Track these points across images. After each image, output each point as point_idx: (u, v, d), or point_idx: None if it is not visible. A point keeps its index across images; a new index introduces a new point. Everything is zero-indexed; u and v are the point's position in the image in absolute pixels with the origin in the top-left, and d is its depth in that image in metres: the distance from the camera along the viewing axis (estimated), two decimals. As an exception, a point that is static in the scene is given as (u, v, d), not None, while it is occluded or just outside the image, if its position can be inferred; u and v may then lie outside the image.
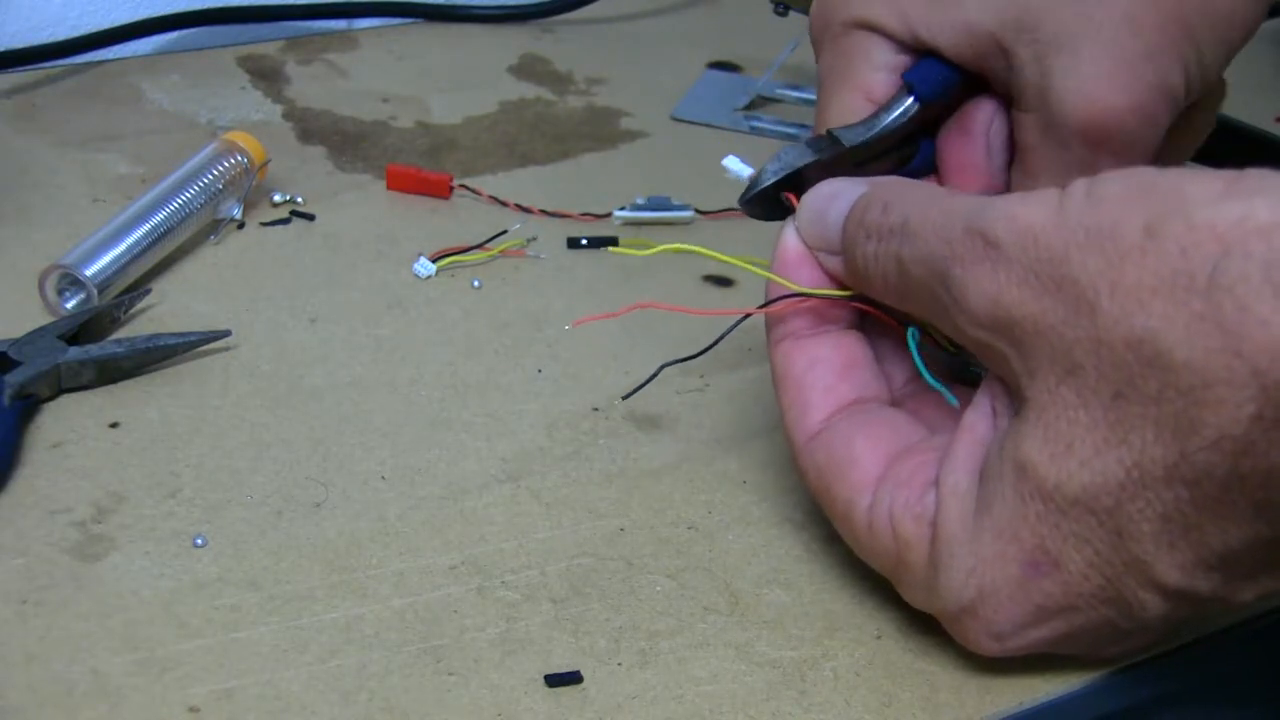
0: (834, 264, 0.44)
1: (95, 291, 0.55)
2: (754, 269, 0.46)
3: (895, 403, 0.46)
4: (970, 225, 0.38)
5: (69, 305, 0.56)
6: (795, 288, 0.45)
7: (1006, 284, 0.37)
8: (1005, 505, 0.38)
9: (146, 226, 0.58)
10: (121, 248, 0.57)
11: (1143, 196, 0.35)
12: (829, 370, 0.44)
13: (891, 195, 0.42)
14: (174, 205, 0.59)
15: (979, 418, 0.40)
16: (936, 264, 0.39)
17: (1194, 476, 0.35)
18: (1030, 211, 0.37)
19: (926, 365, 0.43)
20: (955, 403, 0.42)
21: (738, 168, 0.48)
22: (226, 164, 0.62)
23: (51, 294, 0.56)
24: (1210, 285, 0.33)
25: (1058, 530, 0.38)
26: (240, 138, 0.63)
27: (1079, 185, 0.37)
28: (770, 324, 0.46)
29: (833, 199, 0.44)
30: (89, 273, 0.55)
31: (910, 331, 0.44)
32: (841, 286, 0.45)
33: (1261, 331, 0.32)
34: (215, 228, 0.62)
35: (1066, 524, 0.38)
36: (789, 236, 0.45)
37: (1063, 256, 0.36)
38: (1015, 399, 0.39)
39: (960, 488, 0.40)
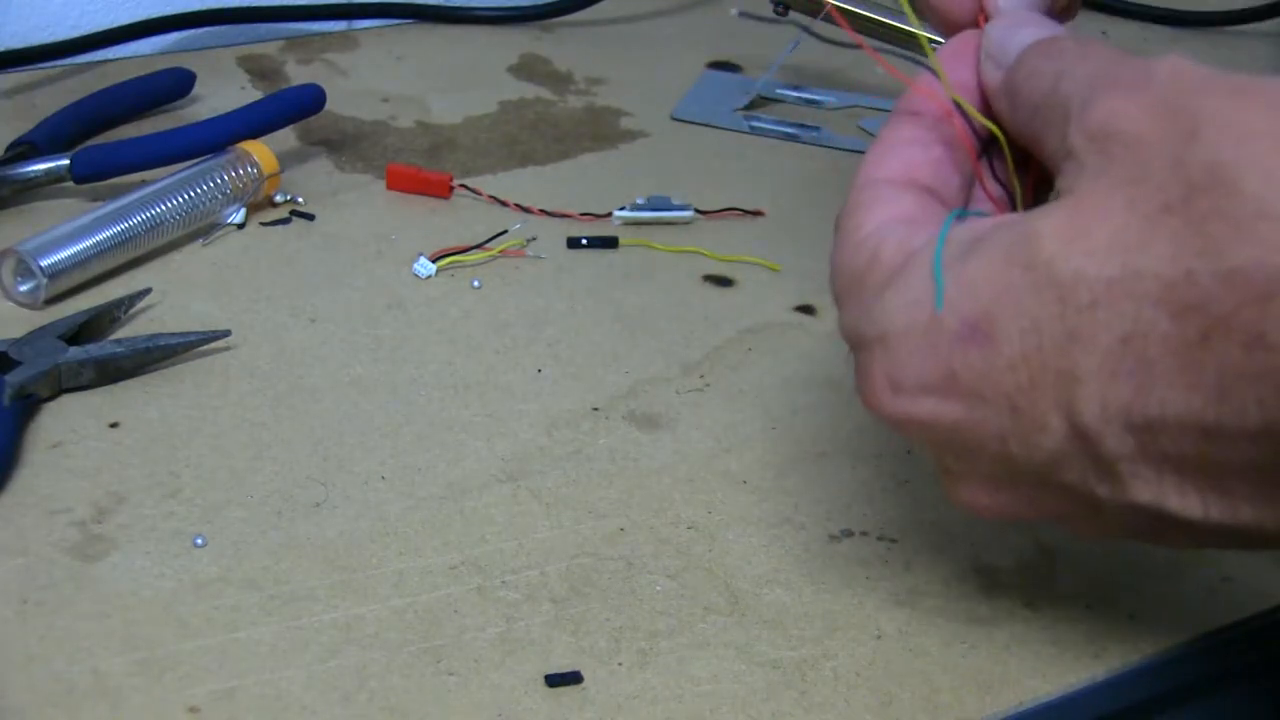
0: (992, 74, 0.43)
1: (45, 280, 0.56)
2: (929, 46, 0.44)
3: None
4: (1137, 61, 0.38)
5: (22, 290, 0.56)
6: (948, 90, 0.43)
7: (1137, 106, 0.37)
8: (985, 262, 0.37)
9: (119, 227, 0.58)
10: (88, 243, 0.57)
11: None
12: (920, 151, 0.43)
13: (1066, 64, 0.41)
14: (155, 210, 0.59)
15: (1016, 215, 0.40)
16: (1083, 90, 0.39)
17: (1184, 306, 0.34)
18: (1190, 65, 0.37)
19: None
20: None
21: None
22: (231, 174, 0.62)
23: (8, 277, 0.56)
24: None
25: (1019, 305, 0.36)
26: (254, 147, 0.63)
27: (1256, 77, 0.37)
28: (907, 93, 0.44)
29: (1019, 29, 0.43)
30: (44, 263, 0.56)
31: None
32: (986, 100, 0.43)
33: None
34: (208, 231, 0.62)
35: (1031, 301, 0.36)
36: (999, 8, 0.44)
37: (1193, 89, 0.36)
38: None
39: (954, 237, 0.39)
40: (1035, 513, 0.40)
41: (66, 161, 0.62)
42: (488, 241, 0.62)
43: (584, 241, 0.64)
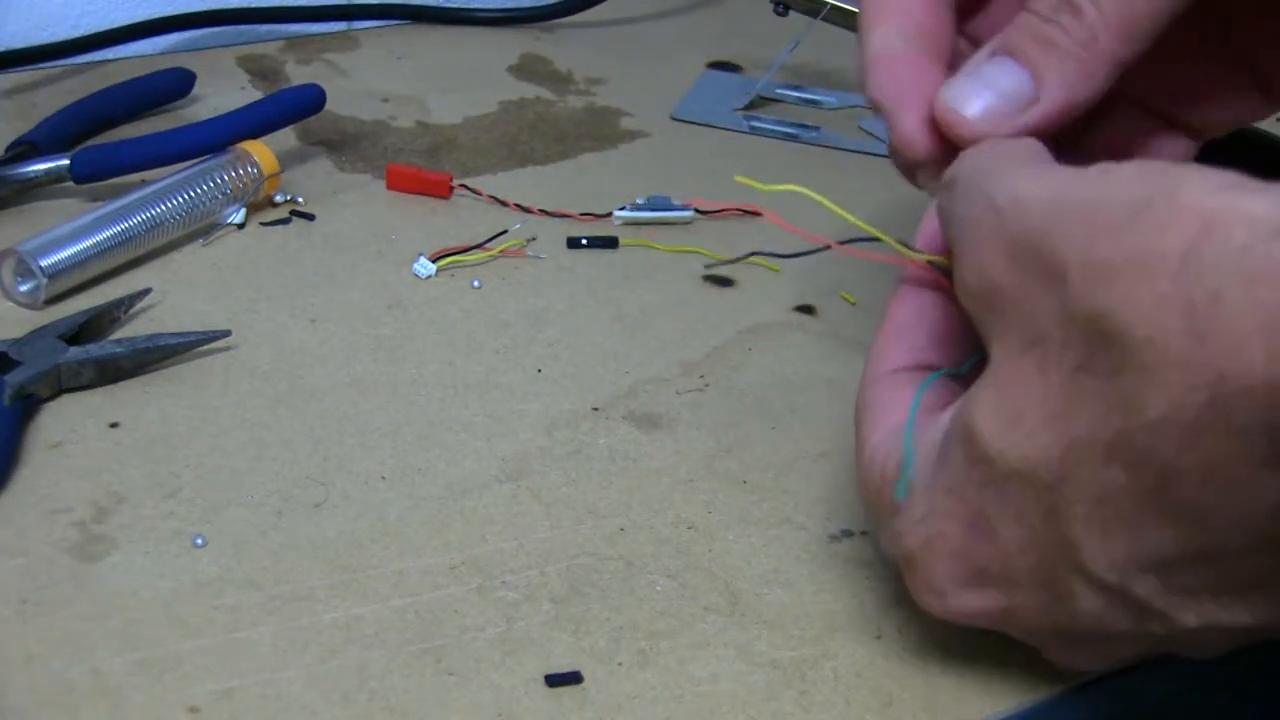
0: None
1: (45, 280, 0.56)
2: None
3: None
4: (985, 187, 0.38)
5: (22, 290, 0.56)
6: (922, 257, 0.44)
7: (995, 253, 0.37)
8: (954, 464, 0.38)
9: (119, 227, 0.58)
10: (88, 243, 0.57)
11: (1145, 178, 0.34)
12: (923, 332, 0.44)
13: (968, 156, 0.41)
14: (155, 210, 0.59)
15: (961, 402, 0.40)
16: (957, 225, 0.39)
17: (1132, 459, 0.34)
18: (1032, 184, 0.36)
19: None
20: None
21: None
22: (231, 174, 0.62)
23: (8, 277, 0.56)
24: (1181, 267, 0.32)
25: (996, 499, 0.37)
26: (254, 147, 0.63)
27: (1099, 165, 0.36)
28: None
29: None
30: (44, 263, 0.56)
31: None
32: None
33: (1228, 321, 0.31)
34: (208, 231, 0.62)
35: (1004, 494, 0.37)
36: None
37: (1047, 228, 0.35)
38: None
39: (934, 438, 0.39)
40: (1125, 658, 0.41)
41: (66, 161, 0.62)
42: (488, 241, 0.62)
43: (584, 241, 0.64)
